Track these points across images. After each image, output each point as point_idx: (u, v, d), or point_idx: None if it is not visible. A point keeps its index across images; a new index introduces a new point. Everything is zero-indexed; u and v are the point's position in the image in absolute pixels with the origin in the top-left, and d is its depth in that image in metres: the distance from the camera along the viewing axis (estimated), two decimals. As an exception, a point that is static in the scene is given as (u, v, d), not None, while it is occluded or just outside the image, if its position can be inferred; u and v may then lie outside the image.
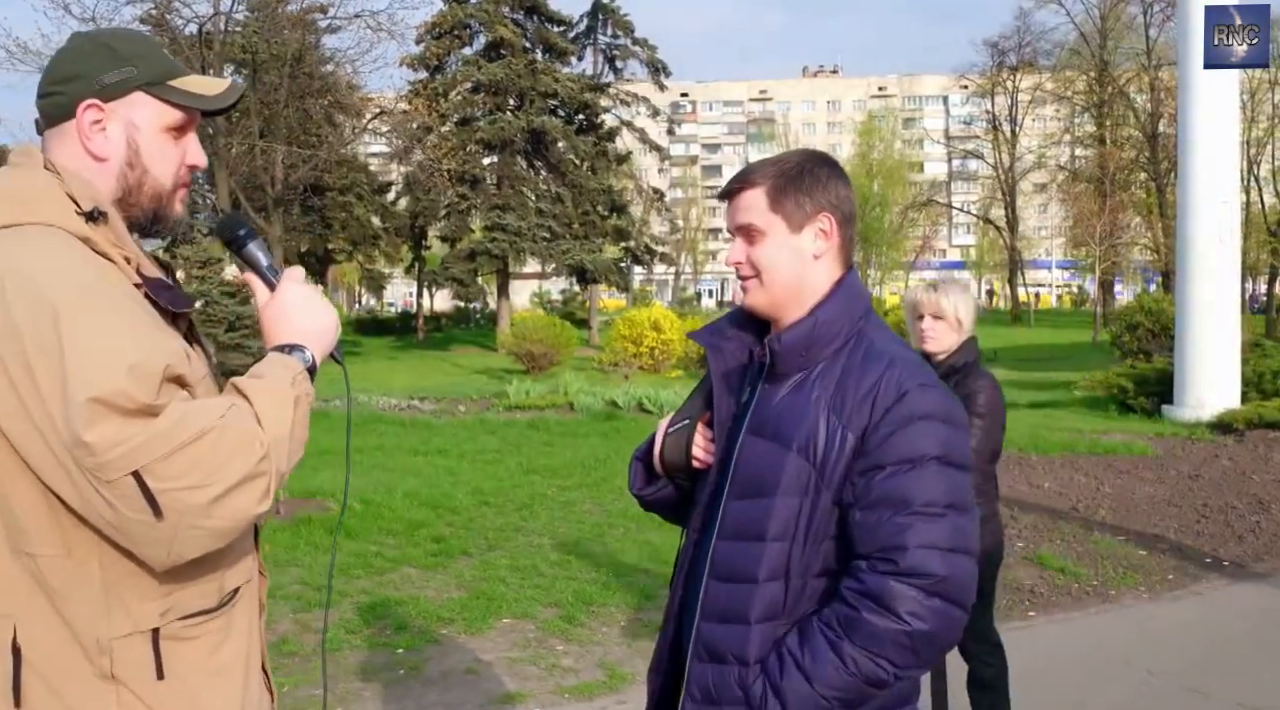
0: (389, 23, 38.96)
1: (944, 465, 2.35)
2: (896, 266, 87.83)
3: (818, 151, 2.68)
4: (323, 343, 2.25)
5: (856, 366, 2.45)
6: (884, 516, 2.32)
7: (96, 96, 2.13)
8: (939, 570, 2.28)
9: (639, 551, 9.27)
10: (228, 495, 1.88)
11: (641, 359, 31.72)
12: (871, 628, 2.27)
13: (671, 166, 74.77)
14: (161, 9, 35.87)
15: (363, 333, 59.76)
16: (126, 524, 1.85)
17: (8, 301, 1.86)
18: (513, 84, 47.91)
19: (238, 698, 2.16)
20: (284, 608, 7.55)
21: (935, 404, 2.40)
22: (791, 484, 2.41)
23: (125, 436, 1.80)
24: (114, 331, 1.87)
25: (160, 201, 2.23)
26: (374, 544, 9.55)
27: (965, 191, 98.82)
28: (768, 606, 2.43)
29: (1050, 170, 66.28)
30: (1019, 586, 8.39)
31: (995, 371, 5.30)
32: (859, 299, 2.57)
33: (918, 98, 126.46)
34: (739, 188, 2.59)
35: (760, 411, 2.53)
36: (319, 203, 47.71)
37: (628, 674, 6.45)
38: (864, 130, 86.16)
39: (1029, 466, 13.46)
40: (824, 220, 2.54)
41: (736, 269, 2.61)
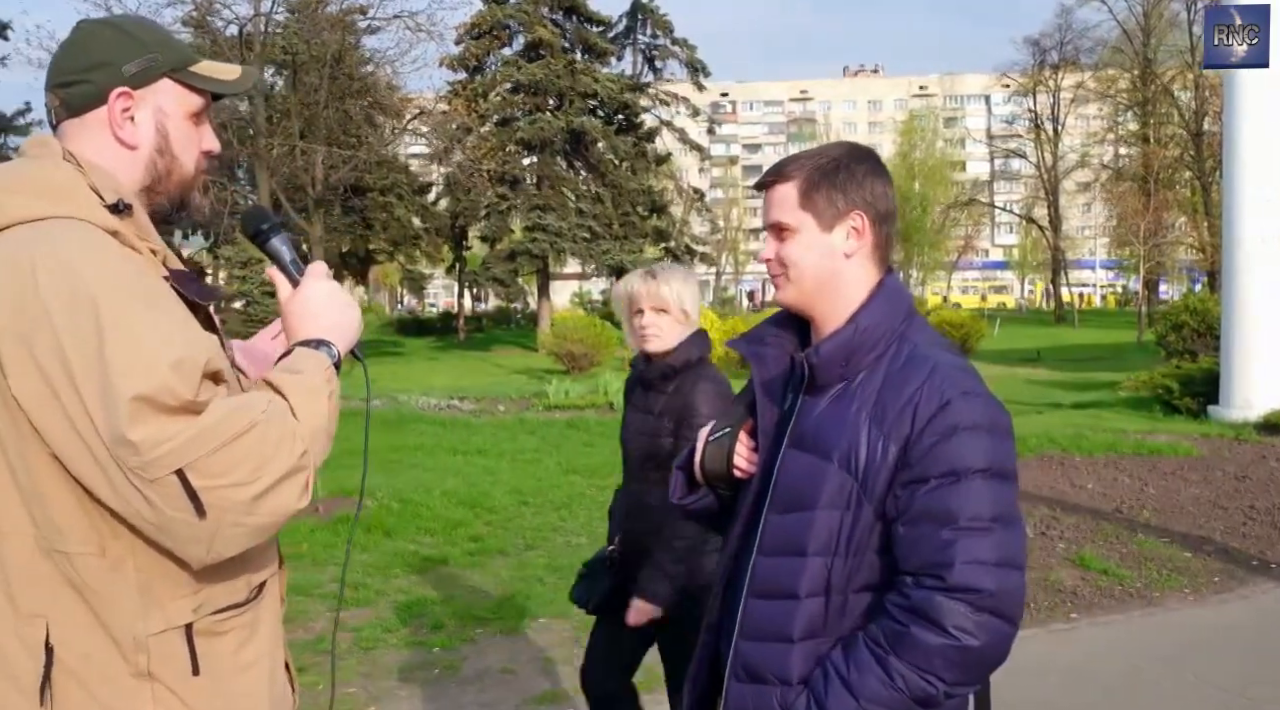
0: (428, 23, 38.90)
1: (989, 478, 2.28)
2: (938, 266, 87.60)
3: (858, 145, 2.59)
4: (346, 338, 2.22)
5: (897, 373, 2.38)
6: (928, 531, 2.26)
7: (126, 84, 2.10)
8: (988, 585, 2.21)
9: (677, 551, 9.20)
10: (270, 491, 1.86)
11: (681, 359, 31.63)
12: (919, 643, 2.21)
13: (712, 167, 74.84)
14: (202, 10, 36.13)
15: (404, 333, 60.02)
16: (167, 522, 1.83)
17: (42, 297, 1.83)
18: (552, 84, 47.97)
19: (265, 691, 2.14)
20: (320, 606, 7.56)
21: (979, 413, 2.32)
22: (833, 497, 2.36)
23: (170, 434, 1.78)
24: (155, 327, 1.85)
25: (186, 188, 2.22)
26: (412, 543, 9.56)
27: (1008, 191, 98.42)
28: (809, 623, 2.37)
29: (1093, 169, 65.85)
30: (1061, 588, 8.29)
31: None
32: (900, 302, 2.50)
33: (959, 97, 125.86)
34: (772, 181, 2.53)
35: (801, 423, 2.46)
36: (360, 203, 47.91)
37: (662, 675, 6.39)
38: (905, 130, 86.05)
39: (1072, 467, 13.32)
40: (856, 218, 2.47)
41: (767, 266, 2.56)
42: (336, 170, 40.30)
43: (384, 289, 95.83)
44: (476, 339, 54.93)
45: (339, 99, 40.52)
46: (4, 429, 1.89)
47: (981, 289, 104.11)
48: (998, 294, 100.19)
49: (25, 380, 1.83)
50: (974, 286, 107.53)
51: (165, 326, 1.87)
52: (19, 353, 1.83)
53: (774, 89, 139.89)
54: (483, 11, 49.78)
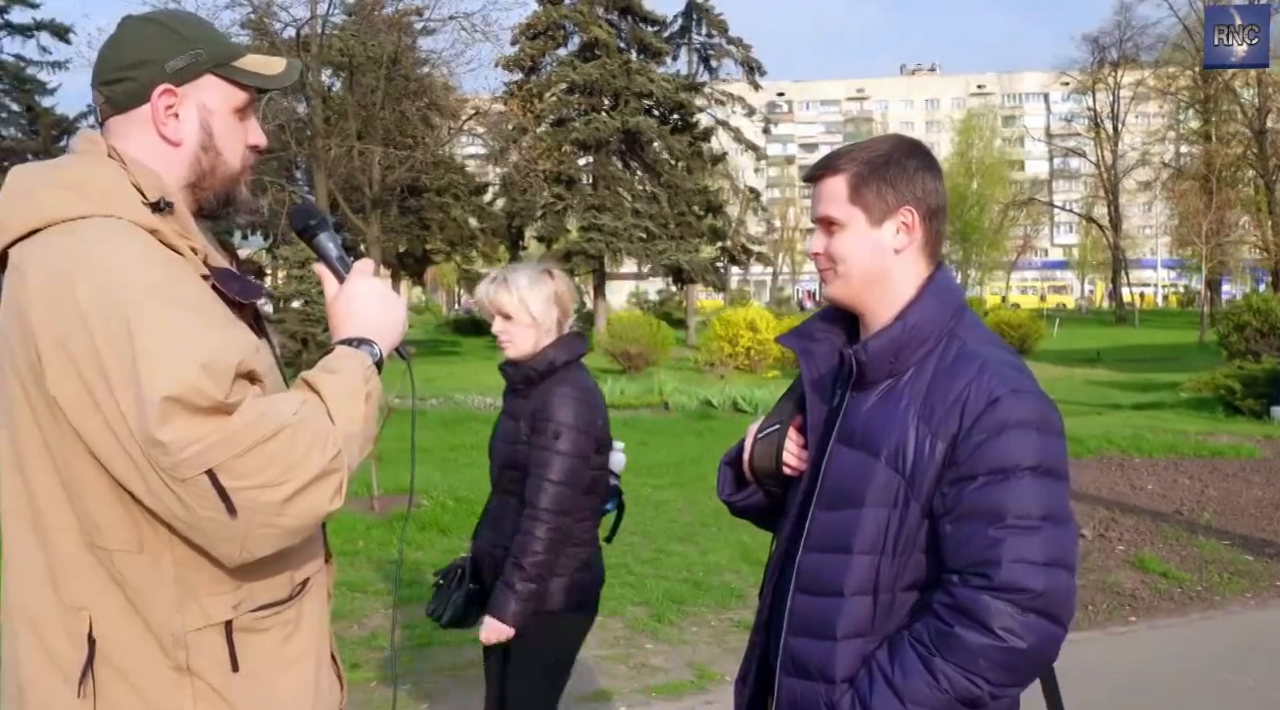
0: (483, 24, 39.03)
1: (1039, 476, 2.24)
2: (996, 266, 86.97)
3: (909, 139, 2.55)
4: (390, 337, 2.21)
5: (946, 370, 2.35)
6: (976, 529, 2.23)
7: (169, 81, 2.10)
8: (1036, 585, 2.17)
9: (731, 551, 9.20)
10: (301, 493, 1.86)
11: (738, 359, 31.64)
12: (965, 644, 2.18)
13: (768, 166, 74.57)
14: (260, 13, 36.44)
15: (460, 333, 60.24)
16: (199, 521, 1.83)
17: (78, 298, 1.84)
18: (607, 84, 48.04)
19: (310, 688, 2.15)
20: (375, 602, 7.60)
21: (1029, 410, 2.29)
22: (880, 495, 2.33)
23: (200, 435, 1.78)
24: (186, 328, 1.85)
25: (231, 184, 2.21)
26: (467, 540, 9.56)
27: (1067, 190, 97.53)
28: (854, 622, 2.35)
29: (1154, 167, 65.01)
30: (1119, 591, 8.20)
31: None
32: (950, 298, 2.46)
33: (1017, 95, 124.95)
34: (821, 174, 2.49)
35: (849, 420, 2.44)
36: (416, 204, 48.18)
37: (716, 674, 6.39)
38: (963, 128, 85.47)
39: (1131, 468, 13.19)
40: (906, 214, 2.43)
41: (815, 260, 2.53)
42: (393, 171, 40.54)
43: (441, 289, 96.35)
44: (533, 338, 54.95)
45: (395, 100, 40.74)
46: (47, 428, 1.91)
47: (1040, 289, 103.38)
48: (1057, 294, 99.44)
49: (63, 381, 1.85)
50: (1033, 286, 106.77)
51: (197, 327, 1.87)
52: (57, 354, 1.85)
53: (831, 88, 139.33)
54: (538, 12, 49.93)
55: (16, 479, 1.99)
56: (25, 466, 1.96)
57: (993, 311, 48.30)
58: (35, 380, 1.88)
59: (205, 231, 2.23)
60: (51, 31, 58.66)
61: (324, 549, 2.28)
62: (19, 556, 2.01)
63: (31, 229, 1.97)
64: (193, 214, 2.16)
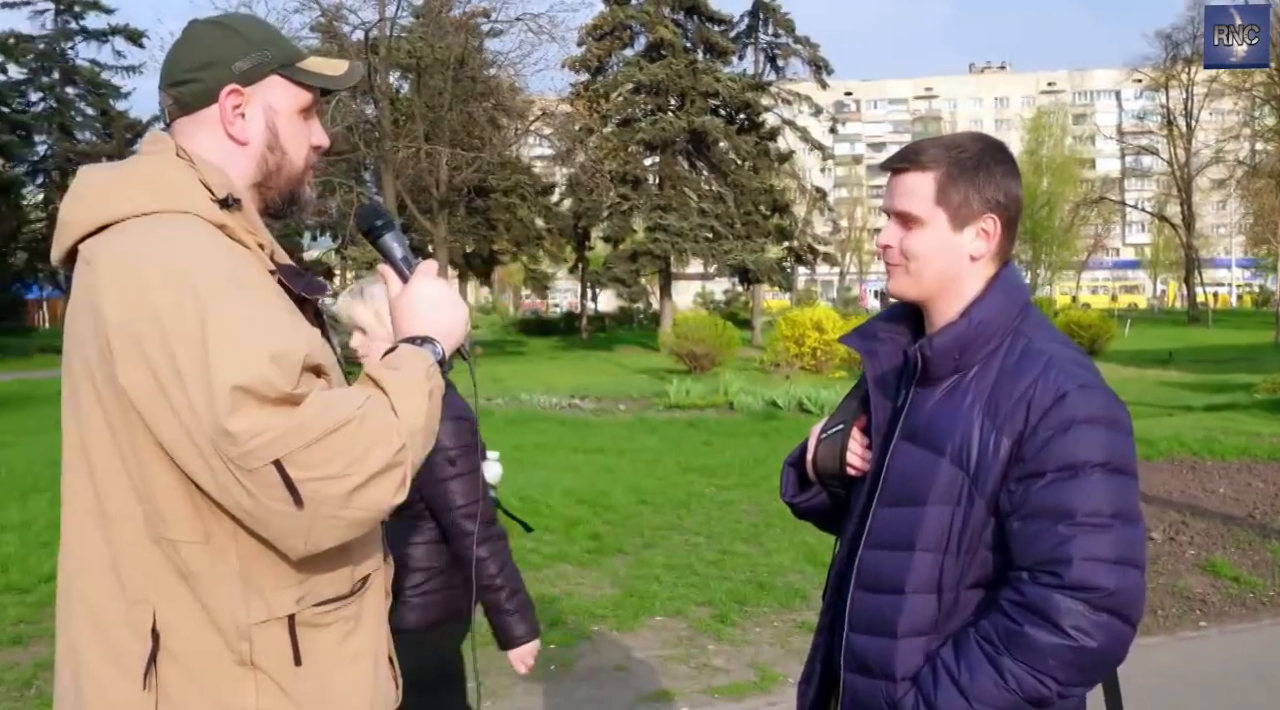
0: (550, 25, 39.11)
1: (1109, 473, 2.21)
2: (1067, 266, 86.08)
3: (995, 141, 2.49)
4: (452, 337, 2.22)
5: (1012, 367, 2.32)
6: (1045, 527, 2.20)
7: (236, 81, 2.13)
8: (1107, 583, 2.14)
9: (795, 552, 9.17)
10: (366, 486, 1.86)
11: (804, 359, 31.50)
12: (1034, 642, 2.15)
13: (836, 166, 74.22)
14: (329, 16, 36.77)
15: (526, 333, 60.54)
16: (265, 513, 1.84)
17: (149, 288, 1.86)
18: (674, 84, 48.04)
19: (369, 685, 2.15)
20: (439, 602, 7.63)
21: (1097, 407, 2.25)
22: (944, 492, 2.31)
23: (268, 425, 1.79)
24: (256, 319, 1.87)
25: (296, 183, 2.24)
26: (530, 540, 9.60)
27: (1139, 188, 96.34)
28: (915, 620, 2.33)
29: (1228, 165, 64.02)
30: (1189, 595, 8.08)
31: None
32: (1017, 295, 2.43)
33: (1088, 92, 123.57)
34: (906, 167, 2.44)
35: (913, 417, 2.42)
36: (483, 204, 48.43)
37: (779, 675, 6.37)
38: (1033, 127, 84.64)
39: (1203, 471, 12.99)
40: (989, 221, 2.40)
41: (885, 252, 2.48)
42: (460, 172, 40.75)
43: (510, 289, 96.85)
44: (599, 339, 55.22)
45: (463, 101, 40.91)
46: (115, 418, 1.93)
47: (1112, 289, 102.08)
48: (1129, 294, 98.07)
49: (133, 371, 1.87)
50: (1104, 286, 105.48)
51: (266, 319, 1.89)
52: (128, 344, 1.86)
53: (899, 87, 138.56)
54: (604, 13, 50.01)
55: (82, 471, 2.01)
56: (91, 458, 1.98)
57: (1063, 311, 47.77)
58: (104, 370, 1.91)
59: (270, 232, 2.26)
60: (125, 36, 59.76)
61: (383, 547, 2.29)
62: (81, 548, 2.03)
63: (101, 225, 2.00)
64: (259, 213, 2.19)
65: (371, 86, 36.39)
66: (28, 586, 8.01)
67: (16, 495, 11.67)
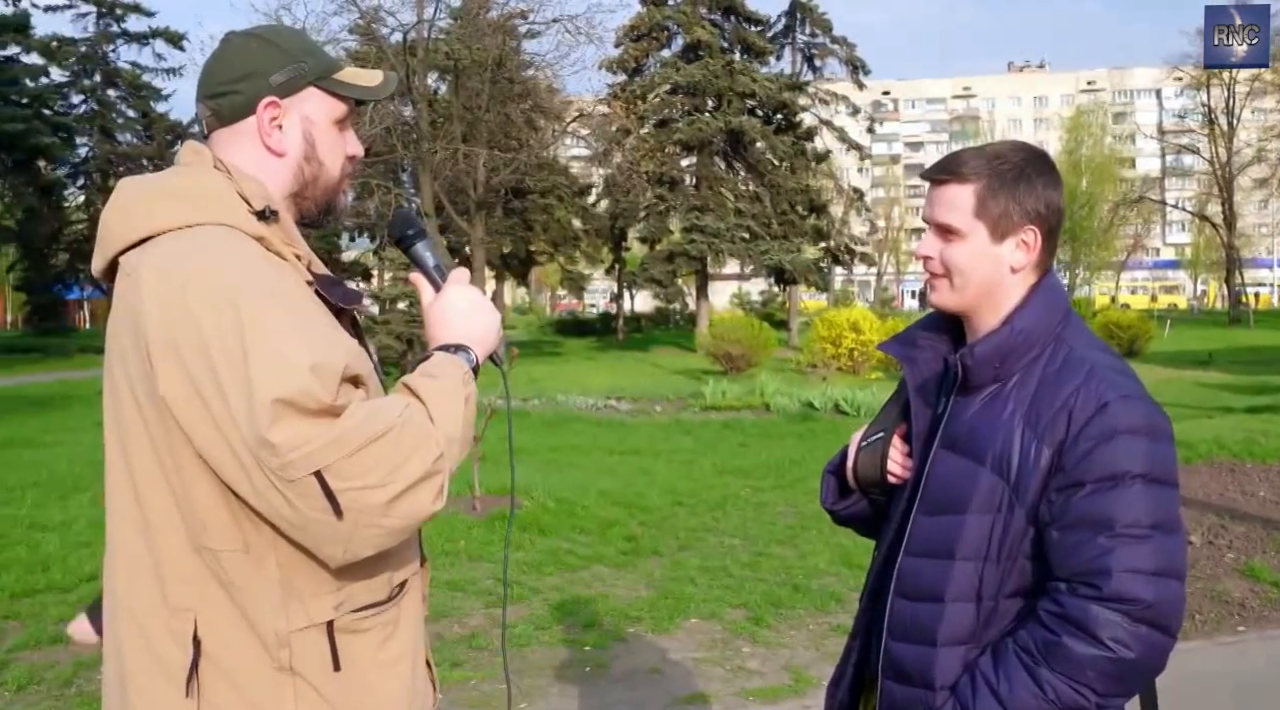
0: (587, 26, 39.10)
1: (1149, 483, 2.21)
2: (1106, 266, 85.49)
3: (1035, 149, 2.48)
4: (485, 344, 2.25)
5: (1053, 376, 2.32)
6: (1084, 537, 2.20)
7: (274, 93, 2.16)
8: (1145, 595, 2.15)
9: (831, 555, 9.15)
10: (406, 494, 1.89)
11: (840, 360, 31.45)
12: (1073, 654, 2.16)
13: (873, 165, 74.05)
14: (368, 19, 36.94)
15: (563, 333, 60.62)
16: (306, 522, 1.87)
17: (189, 301, 1.89)
18: (710, 85, 48.00)
19: (406, 689, 2.18)
20: (475, 602, 7.68)
21: (1138, 417, 2.25)
22: (984, 501, 2.31)
23: (309, 437, 1.81)
24: (295, 332, 1.89)
25: (332, 193, 2.28)
26: (566, 542, 9.64)
27: (1179, 187, 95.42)
28: (955, 628, 2.34)
29: (1270, 164, 63.49)
30: (1228, 600, 8.01)
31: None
32: (1058, 303, 2.42)
33: (1128, 91, 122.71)
34: (946, 179, 2.43)
35: (953, 425, 2.42)
36: (520, 205, 48.54)
37: (814, 678, 6.36)
38: (1072, 126, 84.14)
39: (1243, 473, 12.86)
40: (1029, 233, 2.39)
41: (925, 263, 2.49)
42: (498, 173, 40.84)
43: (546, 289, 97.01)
44: (635, 339, 55.24)
45: (500, 103, 41.03)
46: (155, 429, 1.96)
47: (1152, 289, 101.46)
48: (1168, 294, 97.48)
49: (174, 383, 1.89)
50: (1144, 286, 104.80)
51: (305, 331, 1.91)
52: (168, 356, 1.89)
53: (937, 86, 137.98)
54: (641, 13, 50.04)
55: (125, 482, 2.04)
56: (134, 469, 2.01)
57: (1102, 312, 47.45)
58: (145, 382, 1.93)
59: (307, 240, 2.29)
60: (166, 39, 60.20)
61: (420, 552, 2.32)
62: (126, 557, 2.06)
63: (141, 237, 2.03)
64: (295, 222, 2.22)
65: (409, 88, 36.52)
66: (69, 586, 8.08)
67: (58, 495, 11.78)
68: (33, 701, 6.04)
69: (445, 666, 6.37)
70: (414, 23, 36.99)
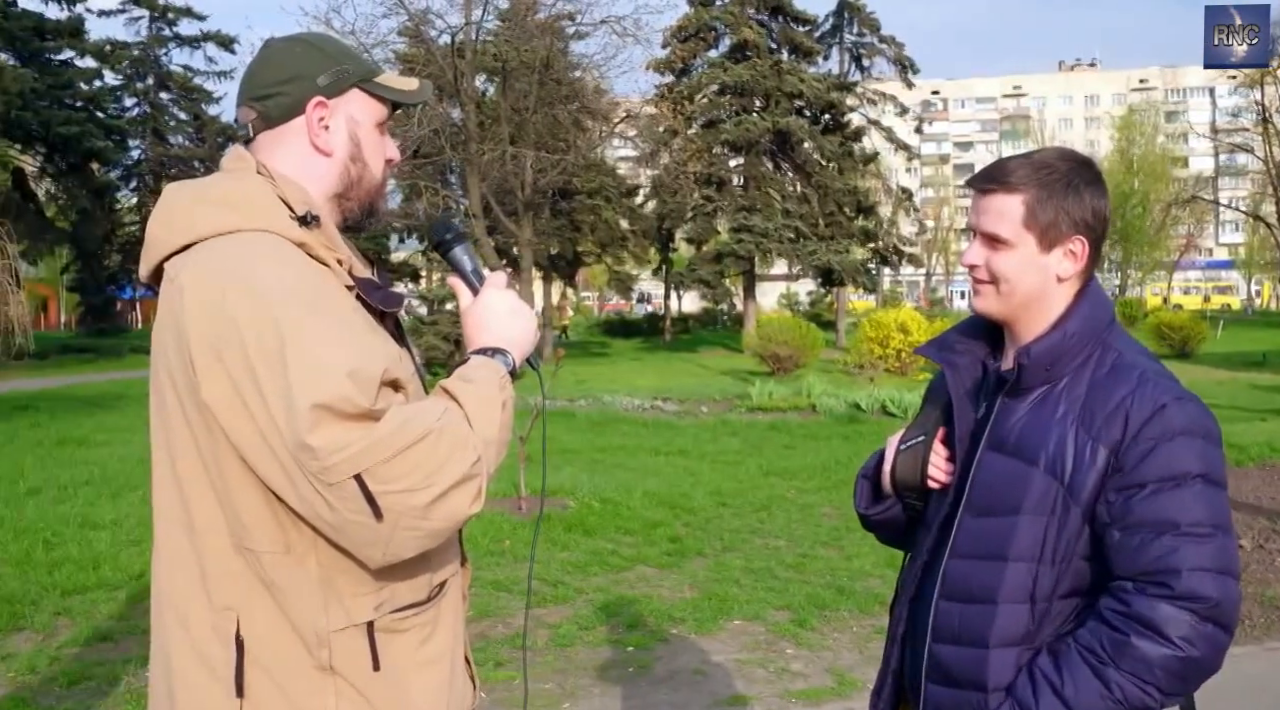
0: (634, 27, 39.07)
1: (1208, 483, 2.23)
2: (1158, 266, 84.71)
3: (1081, 157, 2.48)
4: (522, 348, 2.27)
5: (1104, 379, 2.34)
6: (1149, 537, 2.21)
7: (322, 93, 2.20)
8: (1213, 594, 2.16)
9: (876, 557, 9.12)
10: (444, 497, 1.91)
11: (888, 361, 31.30)
12: (1142, 653, 2.17)
13: (923, 165, 73.71)
14: (417, 21, 37.12)
15: (610, 334, 60.69)
16: (346, 524, 1.90)
17: (231, 307, 1.92)
18: (758, 85, 47.90)
19: (445, 689, 2.20)
20: (519, 602, 7.71)
21: (1194, 419, 2.27)
22: (1038, 502, 2.32)
23: (348, 441, 1.84)
24: (334, 338, 1.92)
25: (374, 195, 2.31)
26: (611, 542, 9.67)
27: (1233, 187, 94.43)
28: (1008, 630, 2.34)
29: (1325, 163, 62.62)
30: (1278, 604, 7.93)
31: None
32: (1104, 308, 2.44)
33: (1181, 90, 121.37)
34: (993, 188, 2.43)
35: (1000, 427, 2.42)
36: (568, 206, 48.61)
37: (857, 681, 6.35)
38: (1123, 125, 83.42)
39: (1295, 476, 12.75)
40: (1077, 243, 2.40)
41: (971, 271, 2.49)
42: (545, 174, 40.92)
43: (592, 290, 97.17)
44: (682, 340, 55.23)
45: (548, 104, 41.11)
46: (199, 432, 2.00)
47: (1205, 290, 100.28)
48: (1221, 295, 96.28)
49: (216, 387, 1.93)
50: (1196, 287, 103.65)
51: (344, 336, 1.94)
52: (211, 362, 1.93)
53: (986, 85, 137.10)
54: (689, 14, 49.99)
55: (171, 483, 2.08)
56: (179, 471, 2.05)
57: (1154, 313, 47.04)
58: (189, 387, 1.97)
59: (349, 243, 2.32)
60: (217, 42, 60.92)
61: (460, 552, 2.34)
62: (172, 557, 2.10)
63: (186, 243, 2.07)
64: (337, 226, 2.25)
65: (458, 90, 36.68)
66: (119, 583, 8.17)
67: (109, 493, 11.92)
68: (82, 698, 6.12)
69: (489, 666, 6.41)
70: (462, 25, 37.15)
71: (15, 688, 6.27)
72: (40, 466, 14.26)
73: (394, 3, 36.30)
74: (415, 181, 38.06)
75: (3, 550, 9.25)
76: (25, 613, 7.53)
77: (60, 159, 49.96)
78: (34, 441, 17.04)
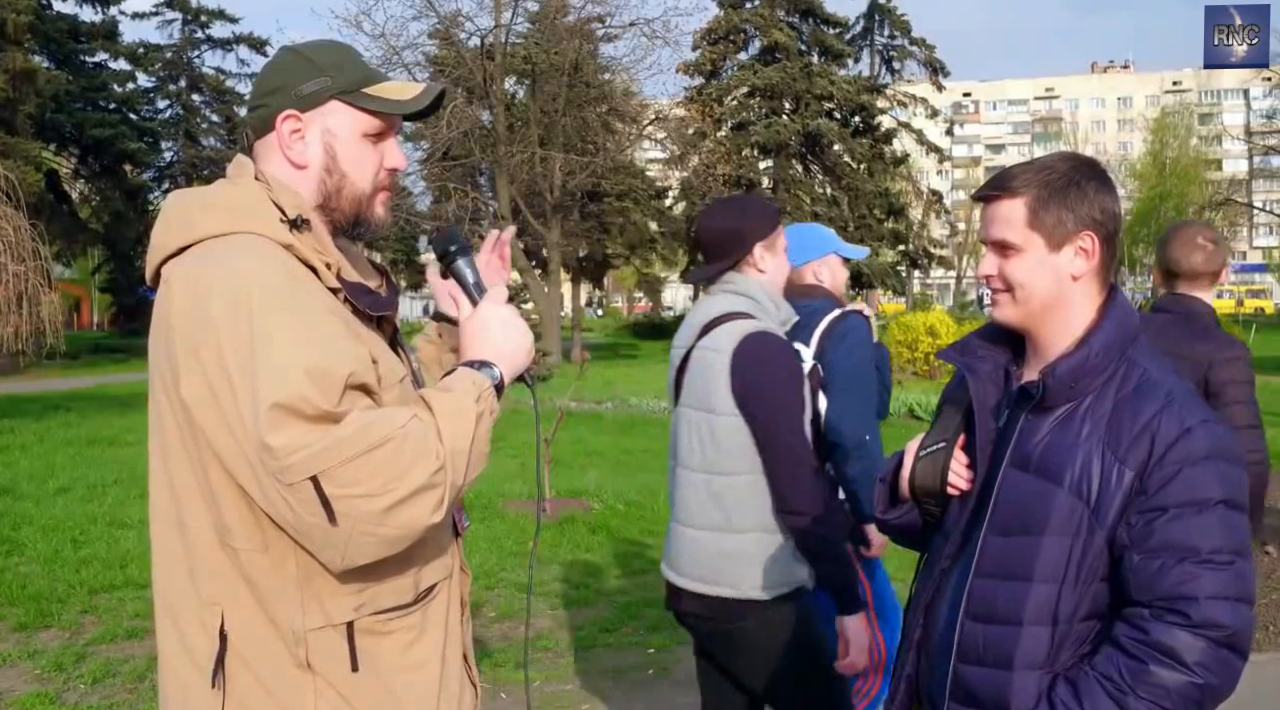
0: (664, 30, 39.14)
1: (1229, 509, 2.21)
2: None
3: (1085, 158, 2.48)
4: (514, 363, 2.28)
5: (1130, 398, 2.30)
6: (1168, 562, 2.19)
7: (294, 107, 2.21)
8: (1229, 621, 2.15)
9: (896, 560, 9.08)
10: (402, 504, 1.93)
11: (916, 364, 31.18)
12: (1160, 680, 2.15)
13: (954, 167, 73.45)
14: (447, 24, 37.22)
15: (639, 336, 60.66)
16: (303, 526, 1.93)
17: (211, 308, 1.96)
18: (788, 87, 47.86)
19: (433, 691, 2.21)
20: (543, 604, 7.74)
21: (1220, 442, 2.25)
22: (1062, 523, 2.29)
23: (306, 442, 1.87)
24: (299, 338, 1.94)
25: (360, 205, 2.28)
26: (634, 545, 9.67)
27: (1267, 189, 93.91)
28: (1031, 652, 2.32)
29: (1361, 166, 62.22)
30: (1307, 609, 7.88)
31: None
32: (1129, 323, 2.41)
33: (1215, 91, 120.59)
34: (995, 196, 2.43)
35: (1023, 445, 2.39)
36: (597, 208, 48.62)
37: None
38: (1156, 127, 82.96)
39: (1325, 480, 12.62)
40: (1086, 239, 2.38)
41: (987, 281, 2.48)
42: (574, 176, 40.97)
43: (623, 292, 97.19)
44: (711, 342, 55.05)
45: (577, 106, 41.13)
46: (184, 431, 2.04)
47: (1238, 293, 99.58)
48: (1255, 298, 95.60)
49: (193, 385, 1.97)
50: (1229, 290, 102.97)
51: (311, 336, 1.96)
52: (190, 358, 1.97)
53: (1018, 87, 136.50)
54: (719, 16, 49.97)
55: (164, 480, 2.13)
56: (171, 469, 2.10)
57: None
58: (175, 386, 2.01)
59: (355, 249, 2.36)
60: (249, 44, 61.22)
61: (456, 559, 2.35)
62: (165, 552, 2.16)
63: (181, 247, 2.11)
64: (330, 232, 2.25)
65: (487, 92, 36.79)
66: (145, 582, 8.20)
67: (138, 493, 11.98)
68: (108, 694, 6.18)
69: (509, 666, 6.43)
70: (492, 27, 37.28)
71: (42, 684, 6.34)
72: (70, 465, 14.39)
73: (424, 5, 36.51)
74: (445, 183, 38.18)
75: (31, 548, 9.35)
76: (53, 610, 7.61)
77: (94, 161, 50.39)
78: (64, 440, 17.21)
